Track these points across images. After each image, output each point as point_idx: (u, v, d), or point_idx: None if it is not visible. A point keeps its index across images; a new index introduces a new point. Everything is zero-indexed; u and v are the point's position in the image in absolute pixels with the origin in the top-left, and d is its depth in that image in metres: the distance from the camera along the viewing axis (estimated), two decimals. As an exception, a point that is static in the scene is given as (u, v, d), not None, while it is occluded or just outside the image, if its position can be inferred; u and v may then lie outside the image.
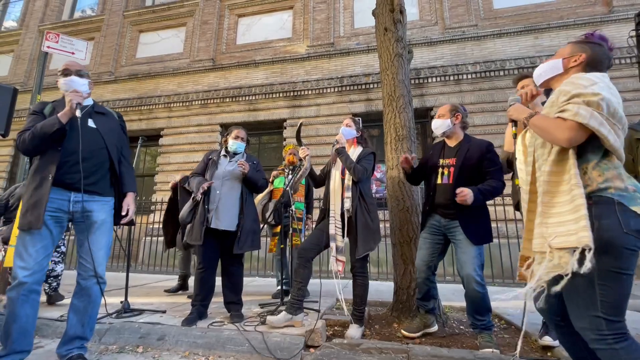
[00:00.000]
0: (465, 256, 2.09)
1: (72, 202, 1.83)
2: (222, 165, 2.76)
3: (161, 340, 2.21)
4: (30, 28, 10.61)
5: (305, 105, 7.77)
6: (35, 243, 1.73)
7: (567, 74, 1.30)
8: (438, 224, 2.27)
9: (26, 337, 1.71)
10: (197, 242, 2.55)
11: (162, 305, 3.03)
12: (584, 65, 1.29)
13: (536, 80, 1.43)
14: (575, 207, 1.09)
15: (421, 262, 2.31)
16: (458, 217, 2.14)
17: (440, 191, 2.24)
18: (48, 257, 1.80)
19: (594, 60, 1.29)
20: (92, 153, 1.89)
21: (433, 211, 2.30)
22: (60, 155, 1.80)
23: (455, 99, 6.96)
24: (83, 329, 1.82)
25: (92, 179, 1.88)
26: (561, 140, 1.14)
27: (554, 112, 1.19)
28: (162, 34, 9.55)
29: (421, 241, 2.38)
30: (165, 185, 8.11)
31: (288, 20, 8.67)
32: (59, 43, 4.54)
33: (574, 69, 1.31)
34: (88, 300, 1.84)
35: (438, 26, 7.64)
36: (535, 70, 1.44)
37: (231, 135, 2.86)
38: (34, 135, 1.76)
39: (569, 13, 7.00)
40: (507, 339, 2.36)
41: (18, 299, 1.67)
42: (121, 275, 4.68)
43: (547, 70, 1.38)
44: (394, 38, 3.23)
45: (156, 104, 8.68)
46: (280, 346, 2.05)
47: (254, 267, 5.94)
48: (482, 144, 2.23)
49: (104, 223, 1.92)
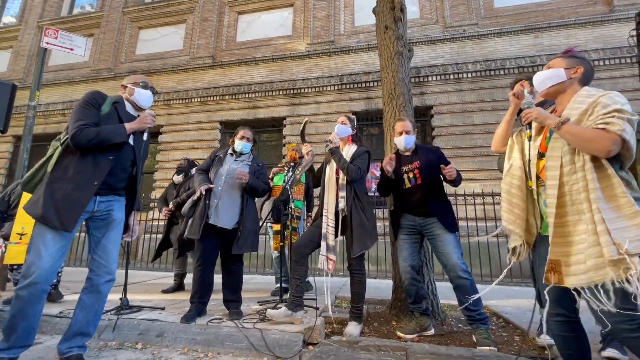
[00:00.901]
0: (448, 247, 2.25)
1: (97, 202, 1.85)
2: (228, 162, 2.77)
3: (160, 337, 2.22)
4: (29, 24, 10.56)
5: (305, 103, 7.75)
6: (56, 242, 1.71)
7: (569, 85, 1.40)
8: (413, 223, 2.43)
9: (31, 334, 1.72)
10: (195, 236, 2.56)
11: (161, 302, 3.03)
12: (580, 77, 1.40)
13: (539, 86, 1.46)
14: (634, 212, 1.13)
15: (404, 264, 2.39)
16: (434, 212, 2.33)
17: (411, 193, 2.43)
18: (63, 257, 1.78)
19: (587, 74, 1.42)
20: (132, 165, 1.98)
21: (406, 212, 2.47)
22: (111, 164, 1.83)
23: (455, 98, 6.96)
24: (87, 326, 1.82)
25: (121, 184, 1.96)
26: (602, 151, 1.19)
27: (593, 121, 1.23)
28: (161, 30, 9.51)
29: (399, 243, 2.48)
30: (164, 182, 8.10)
31: (288, 18, 8.64)
32: (57, 39, 4.52)
33: (572, 80, 1.40)
34: (98, 297, 1.84)
35: (438, 24, 7.62)
36: (536, 76, 1.47)
37: (237, 136, 2.87)
38: (98, 136, 1.75)
39: (569, 12, 6.99)
40: (505, 337, 2.37)
41: (29, 298, 1.65)
42: (120, 272, 4.68)
43: (551, 77, 1.42)
44: (394, 36, 3.23)
45: (155, 100, 8.62)
46: (279, 343, 2.06)
47: (253, 264, 5.95)
48: (435, 149, 2.60)
49: (120, 221, 1.95)
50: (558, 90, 1.42)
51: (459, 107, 6.86)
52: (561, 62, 1.44)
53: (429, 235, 2.39)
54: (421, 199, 2.38)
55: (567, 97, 1.40)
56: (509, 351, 2.05)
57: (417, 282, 2.40)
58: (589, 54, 6.48)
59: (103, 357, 2.00)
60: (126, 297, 2.79)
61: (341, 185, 2.44)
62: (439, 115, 6.98)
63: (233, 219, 2.64)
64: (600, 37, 6.62)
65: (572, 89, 1.39)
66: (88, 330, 1.83)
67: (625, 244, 1.09)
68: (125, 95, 2.02)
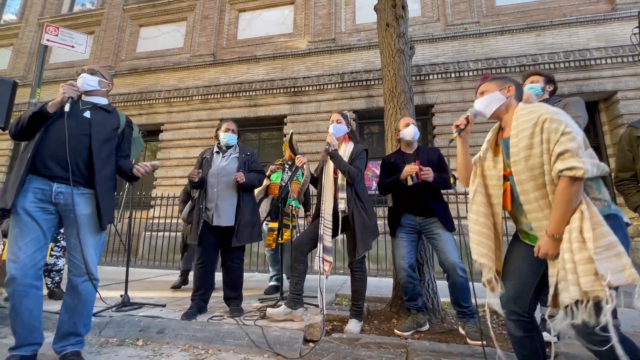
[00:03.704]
0: (448, 245, 2.32)
1: (55, 192, 1.75)
2: (216, 162, 2.73)
3: (161, 334, 2.22)
4: (30, 21, 10.54)
5: (306, 102, 7.74)
6: (23, 236, 1.68)
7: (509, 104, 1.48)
8: (413, 222, 2.48)
9: (33, 332, 1.71)
10: (194, 242, 2.60)
11: (162, 299, 3.04)
12: (514, 94, 1.49)
13: (485, 111, 1.51)
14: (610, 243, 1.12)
15: (402, 262, 2.43)
16: (435, 211, 2.40)
17: (412, 191, 2.45)
18: (40, 250, 1.72)
19: (518, 88, 1.51)
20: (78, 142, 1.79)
21: (407, 211, 2.50)
22: (40, 140, 1.76)
23: (456, 97, 6.94)
24: (75, 326, 1.79)
25: (76, 170, 1.78)
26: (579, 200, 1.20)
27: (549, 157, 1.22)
28: (162, 28, 9.49)
29: (397, 241, 2.51)
30: (165, 180, 8.11)
31: (289, 16, 8.62)
32: (58, 36, 4.50)
33: (510, 98, 1.48)
34: (78, 298, 1.78)
35: (440, 23, 7.59)
36: (479, 103, 1.53)
37: (221, 129, 2.81)
38: (19, 121, 1.78)
39: (571, 10, 6.96)
40: (504, 334, 2.38)
41: (14, 294, 1.65)
42: (121, 270, 4.69)
43: (492, 101, 1.49)
44: (395, 34, 3.22)
45: (156, 98, 8.65)
46: (280, 340, 2.06)
47: (253, 262, 5.95)
48: (435, 150, 2.67)
49: (88, 217, 1.80)
50: (501, 111, 1.48)
51: (460, 105, 6.84)
52: (492, 85, 1.51)
53: (428, 234, 2.44)
54: (422, 198, 2.43)
55: (509, 115, 1.46)
56: (509, 349, 2.05)
57: (414, 279, 2.43)
58: (591, 53, 6.45)
59: (104, 353, 2.01)
60: (127, 294, 2.80)
61: (340, 186, 2.42)
62: (440, 114, 6.96)
63: (233, 216, 2.63)
64: (602, 35, 6.59)
65: (512, 107, 1.46)
66: (77, 330, 1.79)
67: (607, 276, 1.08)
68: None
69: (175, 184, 7.85)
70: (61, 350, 1.76)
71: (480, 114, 1.55)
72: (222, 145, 2.81)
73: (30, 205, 1.72)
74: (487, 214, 1.45)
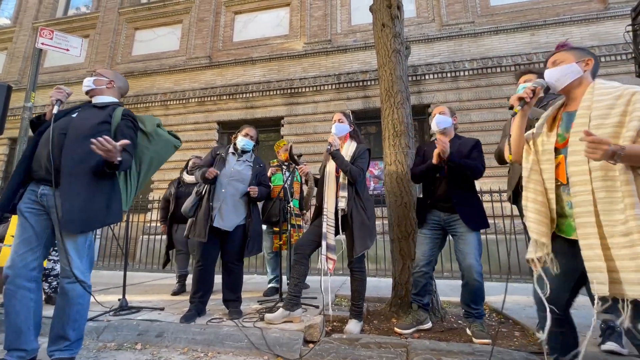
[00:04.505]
0: (468, 247, 2.24)
1: (39, 194, 1.73)
2: (230, 163, 2.72)
3: (160, 337, 2.20)
4: (24, 25, 10.49)
5: (303, 103, 7.75)
6: (18, 236, 1.71)
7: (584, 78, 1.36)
8: (438, 219, 2.41)
9: (19, 336, 1.65)
10: (201, 239, 2.53)
11: (160, 302, 3.02)
12: (591, 69, 1.36)
13: (557, 84, 1.38)
14: None
15: (422, 257, 2.40)
16: (456, 207, 2.28)
17: (438, 184, 2.39)
18: (32, 251, 1.71)
19: (597, 65, 1.38)
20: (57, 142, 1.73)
21: (433, 207, 2.42)
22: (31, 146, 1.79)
23: (452, 96, 6.97)
24: (64, 329, 1.74)
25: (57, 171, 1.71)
26: None
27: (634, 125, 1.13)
28: (157, 31, 9.48)
29: (421, 237, 2.47)
30: (162, 183, 8.07)
31: (285, 17, 8.63)
32: (53, 40, 4.48)
33: (586, 72, 1.36)
34: (65, 300, 1.74)
35: (435, 23, 7.63)
36: (551, 73, 1.40)
37: (241, 132, 2.82)
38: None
39: (565, 10, 7.02)
40: (505, 332, 2.38)
41: (5, 293, 1.66)
42: (119, 274, 4.66)
43: (568, 73, 1.36)
44: (391, 34, 3.23)
45: (152, 101, 8.63)
46: (279, 342, 2.05)
47: (252, 264, 5.94)
48: (472, 141, 2.47)
49: None
50: (572, 86, 1.36)
51: (457, 105, 6.87)
52: (568, 56, 1.38)
53: (452, 232, 2.37)
54: (446, 192, 2.34)
55: (580, 90, 1.35)
56: (510, 346, 2.05)
57: (428, 278, 2.41)
58: (584, 51, 6.51)
59: (102, 358, 1.98)
60: (125, 298, 2.77)
61: (342, 185, 2.42)
62: (437, 114, 6.99)
63: (236, 221, 2.62)
64: (596, 34, 6.66)
65: (586, 82, 1.35)
66: (66, 334, 1.74)
67: None
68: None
69: (173, 187, 7.81)
70: (51, 355, 1.73)
71: (551, 86, 1.40)
72: (239, 149, 2.80)
73: (24, 207, 1.74)
74: (542, 192, 1.37)
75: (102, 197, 1.77)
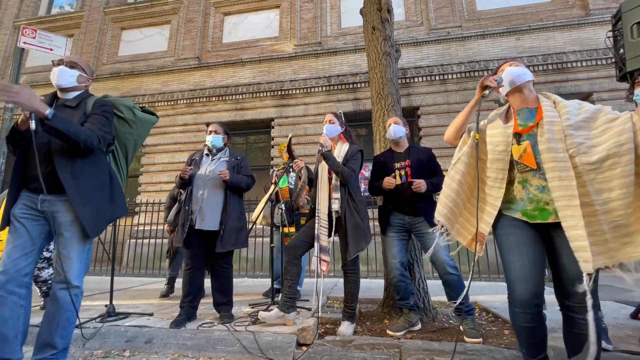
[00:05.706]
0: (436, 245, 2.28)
1: (40, 201, 1.72)
2: (204, 165, 2.69)
3: (149, 344, 2.15)
4: (5, 24, 10.17)
5: (293, 105, 7.74)
6: (12, 242, 1.67)
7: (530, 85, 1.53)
8: (402, 222, 2.48)
9: (5, 344, 1.60)
10: (178, 244, 2.55)
11: (149, 307, 2.96)
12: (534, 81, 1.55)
13: (517, 79, 1.49)
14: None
15: (394, 260, 2.44)
16: (421, 210, 2.39)
17: (401, 190, 2.47)
18: (25, 257, 1.67)
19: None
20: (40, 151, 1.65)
21: (396, 210, 2.51)
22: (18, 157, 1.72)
23: (440, 99, 7.08)
24: (52, 337, 1.69)
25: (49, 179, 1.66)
26: None
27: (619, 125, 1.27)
28: (145, 31, 9.32)
29: (388, 241, 2.53)
30: (150, 186, 7.92)
31: (275, 19, 8.62)
32: (36, 39, 4.35)
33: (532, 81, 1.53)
34: (56, 305, 1.71)
35: (424, 27, 7.75)
36: (512, 70, 1.51)
37: (207, 132, 2.82)
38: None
39: (548, 15, 7.23)
40: (494, 331, 2.42)
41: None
42: (105, 279, 4.55)
43: (525, 73, 1.50)
44: (381, 37, 3.26)
45: (140, 102, 8.46)
46: (272, 345, 2.03)
47: (242, 267, 5.88)
48: (428, 150, 2.64)
49: (69, 224, 1.71)
50: (526, 85, 1.49)
51: (445, 107, 6.98)
52: (520, 64, 1.54)
53: (417, 233, 2.45)
54: (410, 197, 2.43)
55: (528, 96, 1.49)
56: (500, 344, 2.08)
57: (406, 278, 2.45)
58: (567, 56, 6.71)
59: (89, 366, 1.93)
60: (112, 304, 2.70)
61: (334, 186, 2.41)
62: (426, 116, 7.09)
63: (218, 220, 2.57)
64: (578, 39, 6.87)
65: (530, 89, 1.50)
66: (53, 341, 1.69)
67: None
68: None
69: (161, 190, 7.68)
70: None
71: (511, 81, 1.49)
72: (212, 148, 2.77)
73: (19, 212, 1.70)
74: (460, 182, 1.56)
75: (105, 194, 1.77)
